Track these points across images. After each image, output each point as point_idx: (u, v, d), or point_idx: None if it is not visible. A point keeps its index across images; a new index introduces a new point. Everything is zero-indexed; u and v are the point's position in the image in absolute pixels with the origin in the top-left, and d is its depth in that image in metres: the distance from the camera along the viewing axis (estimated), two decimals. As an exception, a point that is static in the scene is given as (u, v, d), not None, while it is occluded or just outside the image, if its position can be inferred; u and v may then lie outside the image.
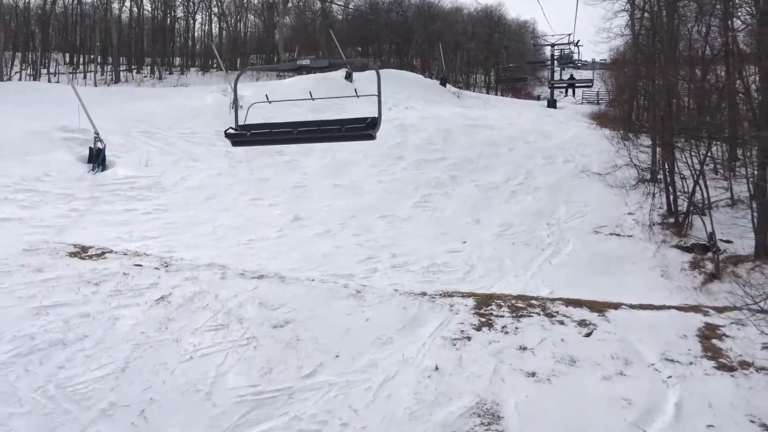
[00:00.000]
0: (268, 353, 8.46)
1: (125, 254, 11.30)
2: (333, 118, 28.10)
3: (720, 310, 10.87)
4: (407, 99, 34.22)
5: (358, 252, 13.96)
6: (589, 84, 45.35)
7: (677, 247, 15.83)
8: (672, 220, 17.61)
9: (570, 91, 50.18)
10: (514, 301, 10.79)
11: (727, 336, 9.58)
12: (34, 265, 10.31)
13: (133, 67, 51.85)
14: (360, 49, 72.20)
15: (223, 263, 11.53)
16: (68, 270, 10.22)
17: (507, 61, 55.26)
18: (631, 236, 16.67)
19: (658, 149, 21.43)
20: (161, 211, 15.27)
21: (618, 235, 16.78)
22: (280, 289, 10.50)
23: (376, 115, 7.89)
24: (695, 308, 11.22)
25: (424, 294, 10.91)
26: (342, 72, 35.61)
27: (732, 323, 9.87)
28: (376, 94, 8.29)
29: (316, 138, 8.80)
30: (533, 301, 10.83)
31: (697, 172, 16.79)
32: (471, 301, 10.67)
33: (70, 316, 8.82)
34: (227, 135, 8.59)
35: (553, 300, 11.07)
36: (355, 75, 36.49)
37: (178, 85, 42.57)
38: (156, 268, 10.71)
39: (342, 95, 33.11)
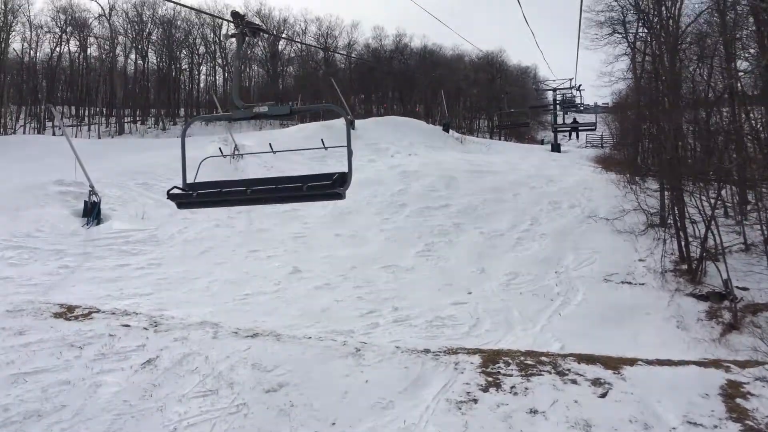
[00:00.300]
0: (260, 422, 7.85)
1: (113, 314, 10.77)
2: (336, 166, 27.99)
3: (742, 365, 10.21)
4: (410, 145, 34.06)
5: (359, 306, 13.41)
6: (593, 128, 45.19)
7: (692, 295, 15.21)
8: (685, 266, 17.01)
9: (573, 134, 50.05)
10: (522, 358, 10.16)
11: (752, 395, 8.92)
12: (15, 328, 9.79)
13: (138, 118, 52.15)
14: (363, 96, 72.76)
15: (216, 321, 10.99)
16: (51, 332, 9.68)
17: (508, 106, 55.08)
18: (643, 284, 16.07)
19: (666, 193, 20.95)
20: (155, 265, 14.79)
21: (629, 283, 16.18)
22: (274, 349, 9.92)
23: (347, 170, 7.00)
24: (716, 363, 10.57)
25: (427, 351, 10.31)
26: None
27: (756, 380, 9.25)
28: (346, 144, 7.10)
29: (273, 199, 7.51)
30: (543, 358, 10.20)
31: (709, 217, 16.29)
32: (477, 359, 10.06)
33: (49, 384, 8.26)
34: (170, 196, 7.24)
35: (564, 356, 10.44)
36: (358, 123, 36.41)
37: (179, 135, 42.48)
38: (144, 329, 10.16)
39: (344, 142, 33.08)
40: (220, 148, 8.55)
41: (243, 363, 9.27)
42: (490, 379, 9.21)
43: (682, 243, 17.57)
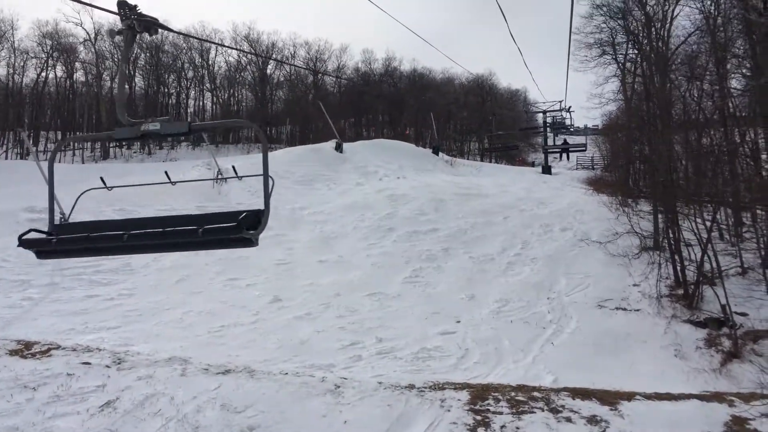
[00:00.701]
0: (225, 471, 7.15)
1: (74, 350, 10.03)
2: (323, 189, 27.39)
3: (747, 398, 9.59)
4: (399, 168, 33.57)
5: (341, 337, 12.72)
6: (583, 148, 45.04)
7: (689, 322, 14.61)
8: (681, 291, 16.44)
9: (564, 156, 49.83)
10: (513, 394, 9.51)
11: (759, 432, 8.31)
12: (-34, 368, 9.07)
13: (124, 143, 51.49)
14: (353, 120, 72.51)
15: (186, 356, 10.29)
16: (4, 372, 8.95)
17: (497, 128, 54.85)
18: (638, 310, 15.47)
19: (659, 215, 20.47)
20: (126, 296, 14.08)
21: (624, 309, 15.58)
22: (247, 387, 9.22)
23: (263, 208, 5.35)
24: (719, 397, 9.94)
25: (411, 387, 9.64)
26: (332, 142, 35.06)
27: (763, 416, 8.63)
28: (263, 172, 5.32)
29: (160, 246, 5.59)
30: (535, 393, 9.55)
31: (705, 240, 15.77)
32: (465, 395, 9.39)
33: (-5, 431, 7.54)
34: (21, 242, 5.18)
35: (557, 391, 9.78)
36: (346, 146, 35.92)
37: (167, 159, 42.03)
38: (107, 366, 9.44)
39: (331, 167, 32.68)
40: (167, 173, 6.81)
41: (211, 404, 8.56)
42: (478, 417, 8.54)
43: (678, 267, 17.01)
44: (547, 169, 44.01)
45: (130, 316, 12.78)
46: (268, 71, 62.69)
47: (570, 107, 44.72)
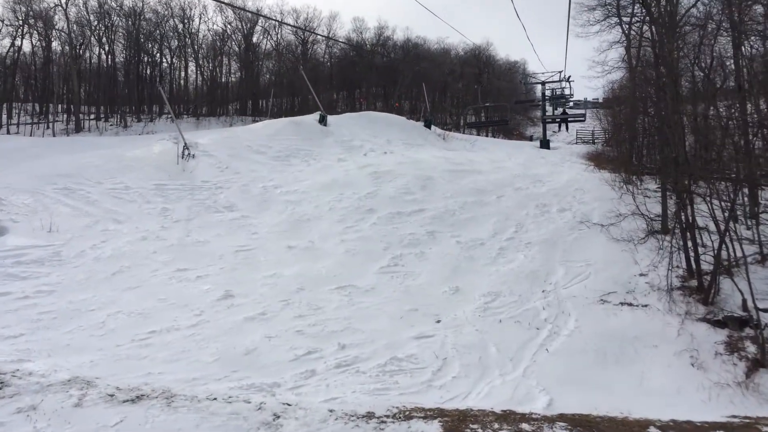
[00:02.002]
0: None
1: (-58, 371, 8.04)
2: (301, 165, 25.26)
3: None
4: (387, 143, 31.43)
5: (296, 344, 10.71)
6: (582, 118, 42.88)
7: (706, 320, 12.60)
8: (694, 283, 14.41)
9: (564, 127, 47.63)
10: (497, 425, 7.59)
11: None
12: None
13: (102, 115, 49.14)
14: (345, 93, 70.01)
15: (92, 376, 8.31)
16: None
17: (483, 100, 51.53)
18: (646, 306, 13.45)
19: (668, 195, 18.42)
20: (44, 294, 12.03)
21: (630, 304, 13.56)
22: (158, 422, 7.25)
23: None
24: (750, 427, 8.03)
25: (370, 416, 7.71)
26: (316, 115, 32.84)
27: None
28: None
29: None
30: (524, 426, 7.63)
31: (725, 222, 13.72)
32: (436, 427, 7.46)
33: None
34: None
35: (552, 421, 7.86)
36: (332, 119, 33.70)
37: (144, 132, 39.83)
38: (-22, 395, 7.45)
39: (313, 141, 30.51)
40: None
41: (101, 450, 6.60)
42: (449, 466, 6.61)
43: (691, 255, 14.98)
44: (545, 144, 41.78)
45: (40, 321, 10.74)
46: (255, 40, 60.08)
47: (570, 77, 42.35)
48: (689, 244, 15.07)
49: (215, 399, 8.03)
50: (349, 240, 17.04)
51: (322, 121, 31.84)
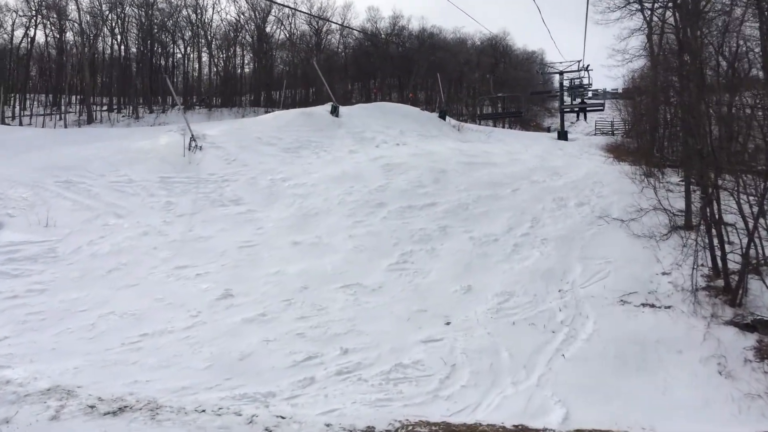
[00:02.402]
0: None
1: None
2: (311, 158, 24.66)
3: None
4: (400, 134, 30.69)
5: (296, 348, 10.10)
6: (601, 108, 41.85)
7: (734, 324, 11.83)
8: (721, 283, 13.63)
9: (582, 117, 46.56)
10: (508, 443, 6.91)
11: None
12: None
13: (114, 106, 48.85)
14: (360, 84, 69.28)
15: (75, 385, 7.78)
16: None
17: (497, 90, 50.06)
18: (669, 307, 12.70)
19: (692, 188, 17.62)
20: (36, 293, 11.51)
21: (652, 305, 12.82)
22: (139, 437, 6.68)
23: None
24: (788, 447, 7.31)
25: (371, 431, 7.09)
26: (327, 106, 32.19)
27: None
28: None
29: None
30: (538, 443, 6.95)
31: (753, 219, 12.92)
32: (442, 444, 6.82)
33: None
34: None
35: (569, 438, 7.18)
36: (344, 110, 33.04)
37: (155, 124, 39.50)
38: (-53, 407, 6.93)
39: (324, 132, 29.88)
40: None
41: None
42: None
43: (717, 253, 14.18)
44: (563, 135, 40.78)
45: (27, 322, 10.23)
46: (268, 30, 59.47)
47: (588, 65, 41.23)
48: (715, 241, 14.29)
49: (204, 411, 7.46)
50: (358, 235, 16.41)
51: (334, 112, 31.19)
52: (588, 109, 42.51)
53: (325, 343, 10.31)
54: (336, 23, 43.06)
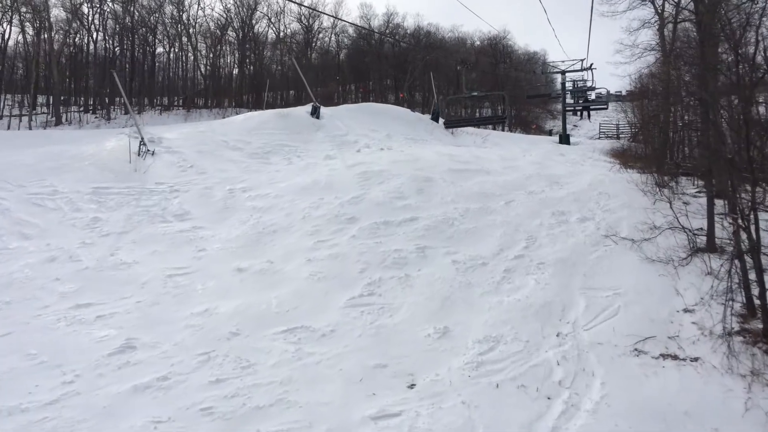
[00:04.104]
0: None
1: None
2: (281, 164, 21.99)
3: None
4: (387, 138, 28.07)
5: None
6: (604, 106, 39.21)
7: (784, 387, 9.15)
8: (759, 324, 10.94)
9: (586, 116, 44.00)
10: None
11: None
12: None
13: (90, 107, 46.10)
14: (354, 85, 66.65)
15: None
16: None
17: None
18: (696, 360, 10.02)
19: (713, 202, 14.97)
20: None
21: (675, 357, 10.14)
22: None
23: None
24: None
25: None
26: (308, 107, 29.56)
27: None
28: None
29: None
30: None
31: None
32: None
33: None
34: None
35: None
36: (327, 111, 30.41)
37: (127, 125, 36.83)
38: None
39: (301, 136, 27.25)
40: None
41: None
42: None
43: (753, 288, 11.46)
44: (565, 138, 38.08)
45: None
46: (256, 28, 56.69)
47: (592, 64, 38.48)
48: (747, 271, 11.58)
49: None
50: (318, 259, 13.74)
51: (314, 113, 28.54)
52: (591, 107, 39.99)
53: (237, 425, 7.62)
54: (328, 14, 40.30)
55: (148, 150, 19.50)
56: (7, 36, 46.73)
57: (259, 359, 9.39)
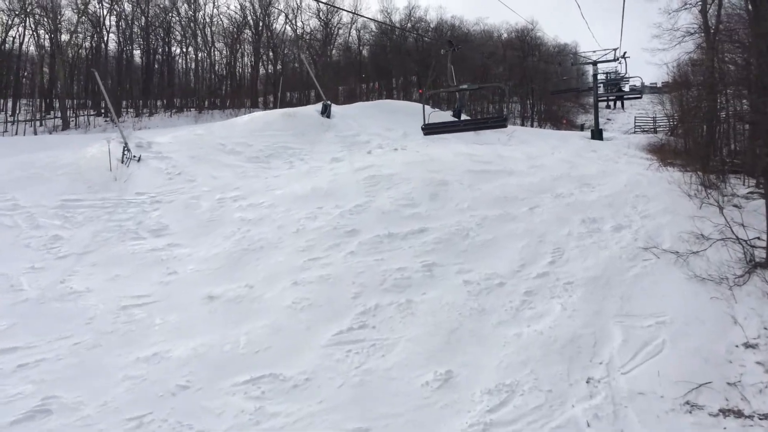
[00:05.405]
0: None
1: None
2: (281, 169, 20.14)
3: None
4: (403, 137, 25.97)
5: None
6: (639, 95, 36.66)
7: None
8: None
9: (619, 105, 41.33)
10: None
11: None
12: None
13: (102, 110, 44.76)
14: (378, 83, 64.55)
15: None
16: None
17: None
18: (766, 418, 7.83)
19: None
20: None
21: (738, 413, 7.98)
22: None
23: None
24: None
25: None
26: (318, 105, 27.63)
27: None
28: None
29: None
30: None
31: None
32: None
33: None
34: None
35: None
36: (338, 109, 28.48)
37: (136, 128, 35.43)
38: None
39: (307, 136, 25.32)
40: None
41: None
42: None
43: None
44: (597, 134, 35.40)
45: None
46: (272, 26, 54.91)
47: (625, 53, 35.81)
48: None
49: None
50: (306, 282, 11.78)
51: (325, 112, 26.59)
52: (625, 97, 37.42)
53: None
54: (344, 9, 38.20)
55: (133, 156, 17.77)
56: (19, 40, 45.72)
57: (207, 425, 7.45)
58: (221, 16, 61.32)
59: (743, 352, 9.43)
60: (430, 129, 14.59)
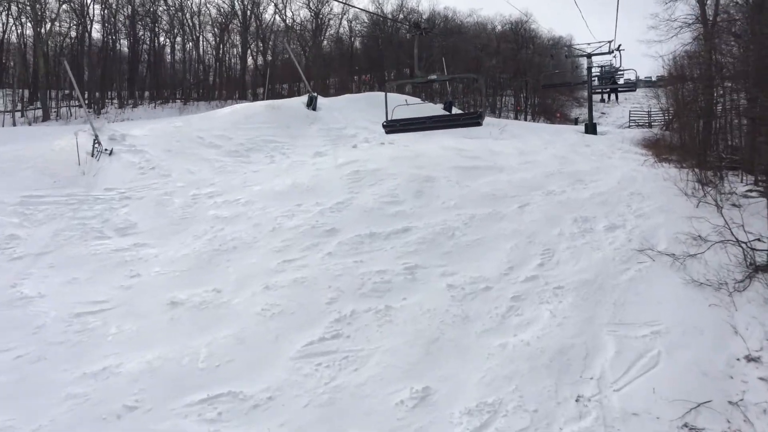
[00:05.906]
0: None
1: None
2: (261, 163, 19.36)
3: None
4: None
5: None
6: (633, 88, 36.06)
7: None
8: None
9: (614, 98, 40.79)
10: None
11: None
12: None
13: (86, 101, 43.75)
14: (370, 75, 63.69)
15: None
16: None
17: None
18: (773, 443, 7.13)
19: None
20: None
21: (740, 438, 7.26)
22: None
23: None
24: None
25: None
26: (304, 97, 26.82)
27: None
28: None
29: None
30: None
31: None
32: None
33: None
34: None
35: None
36: (325, 101, 27.66)
37: (116, 120, 34.57)
38: None
39: (291, 129, 24.53)
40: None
41: None
42: None
43: None
44: (591, 128, 34.66)
45: None
46: (260, 15, 53.86)
47: (620, 45, 35.06)
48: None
49: None
50: (278, 286, 11.02)
51: (311, 104, 25.78)
52: (619, 90, 36.92)
53: None
54: (336, 0, 37.38)
55: (105, 149, 16.94)
56: (2, 29, 44.64)
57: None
58: (209, 5, 60.19)
59: (745, 366, 8.74)
60: (392, 126, 12.91)
